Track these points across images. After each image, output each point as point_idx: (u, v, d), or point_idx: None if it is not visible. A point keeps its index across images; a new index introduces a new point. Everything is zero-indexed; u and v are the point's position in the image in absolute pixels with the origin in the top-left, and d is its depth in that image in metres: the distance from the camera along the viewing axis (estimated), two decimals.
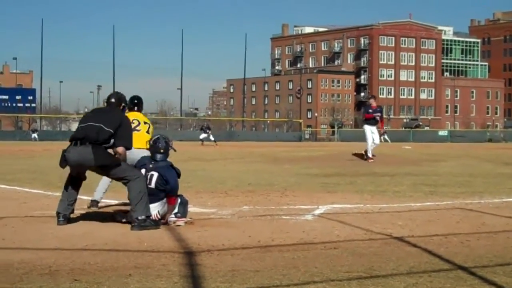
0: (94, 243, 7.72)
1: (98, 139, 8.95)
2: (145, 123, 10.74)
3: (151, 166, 9.28)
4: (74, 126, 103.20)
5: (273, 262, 6.79)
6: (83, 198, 12.25)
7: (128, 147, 9.23)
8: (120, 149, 9.11)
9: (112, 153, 9.09)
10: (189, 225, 9.15)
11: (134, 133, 9.81)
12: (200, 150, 39.82)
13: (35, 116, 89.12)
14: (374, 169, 20.74)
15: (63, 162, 9.21)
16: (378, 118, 24.56)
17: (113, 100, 9.68)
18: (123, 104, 9.85)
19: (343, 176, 18.26)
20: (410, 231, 8.74)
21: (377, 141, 24.72)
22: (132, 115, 10.43)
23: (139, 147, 10.10)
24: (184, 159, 28.25)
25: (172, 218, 9.22)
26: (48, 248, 7.43)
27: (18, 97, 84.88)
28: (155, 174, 9.19)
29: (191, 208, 10.90)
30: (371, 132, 24.38)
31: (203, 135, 55.27)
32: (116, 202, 11.83)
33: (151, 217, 8.95)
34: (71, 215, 9.44)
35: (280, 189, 14.03)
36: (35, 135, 72.58)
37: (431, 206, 11.62)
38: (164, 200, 9.25)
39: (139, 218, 8.81)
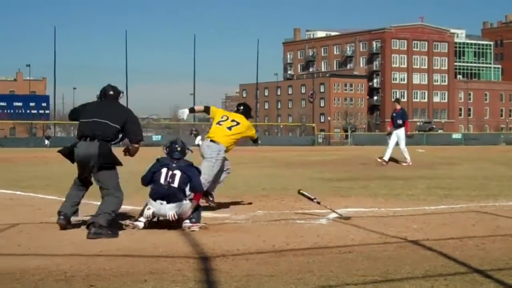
0: (109, 249, 7.73)
1: (107, 135, 9.02)
2: (234, 121, 11.40)
3: (174, 165, 9.37)
4: None
5: (288, 266, 6.79)
6: (97, 205, 12.29)
7: (141, 140, 9.41)
8: (136, 145, 9.28)
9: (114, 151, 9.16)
10: (204, 230, 9.16)
11: (216, 126, 10.97)
12: None
13: (49, 123, 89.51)
14: (387, 173, 20.69)
15: (64, 152, 9.45)
16: (399, 122, 24.74)
17: (111, 92, 9.43)
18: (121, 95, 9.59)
19: (356, 180, 18.23)
20: (425, 234, 8.71)
21: (401, 146, 24.84)
22: (232, 115, 11.62)
23: (212, 138, 11.21)
24: (197, 164, 28.29)
25: (186, 223, 9.24)
26: (63, 254, 7.45)
27: (32, 104, 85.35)
28: (178, 173, 9.29)
29: (205, 213, 10.92)
30: (395, 136, 24.57)
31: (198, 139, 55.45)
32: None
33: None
34: (77, 219, 9.48)
35: (294, 194, 13.99)
36: (47, 141, 72.93)
37: (446, 209, 11.59)
38: (182, 201, 9.24)
39: (100, 224, 8.68)
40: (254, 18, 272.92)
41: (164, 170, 9.32)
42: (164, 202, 9.18)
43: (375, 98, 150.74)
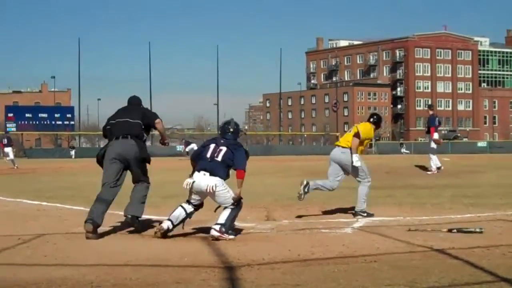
0: (135, 259, 7.76)
1: (134, 132, 10.05)
2: (357, 128, 12.10)
3: (222, 141, 9.67)
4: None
5: (313, 276, 6.78)
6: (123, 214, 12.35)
7: (159, 118, 10.39)
8: (158, 123, 10.35)
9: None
10: (228, 240, 9.16)
11: (347, 134, 11.99)
12: None
13: (74, 134, 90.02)
14: (412, 182, 20.59)
15: (99, 157, 10.23)
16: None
17: (133, 101, 10.67)
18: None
19: (381, 189, 18.13)
20: (451, 243, 8.65)
21: (429, 152, 24.86)
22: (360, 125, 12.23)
23: (341, 145, 12.02)
24: None
25: (215, 233, 9.20)
26: (89, 264, 7.49)
27: (57, 115, 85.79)
28: (224, 149, 9.54)
29: None
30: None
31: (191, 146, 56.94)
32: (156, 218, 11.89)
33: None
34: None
35: (319, 203, 13.98)
36: (72, 152, 73.37)
37: (472, 218, 11.51)
38: (225, 187, 9.41)
39: (135, 215, 9.89)
40: (276, 28, 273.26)
41: (212, 146, 9.64)
42: (207, 174, 9.36)
43: (399, 106, 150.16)
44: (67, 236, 9.73)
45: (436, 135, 24.71)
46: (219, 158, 9.45)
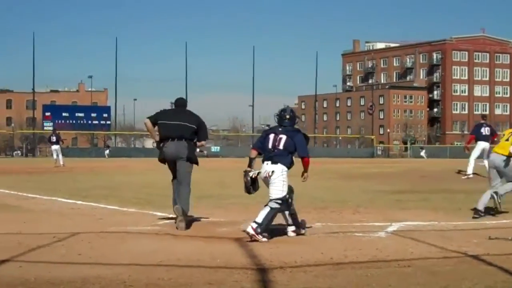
0: (168, 259, 7.79)
1: (188, 136, 11.01)
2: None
3: (280, 129, 9.83)
4: (148, 143, 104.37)
5: (346, 279, 6.76)
6: (157, 214, 12.43)
7: (208, 138, 11.52)
8: (203, 142, 11.38)
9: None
10: (262, 242, 9.16)
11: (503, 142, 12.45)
12: None
13: (109, 133, 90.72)
14: (448, 186, 20.45)
15: (161, 155, 11.13)
16: None
17: (180, 102, 11.65)
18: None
19: (416, 193, 18.06)
20: (485, 249, 8.57)
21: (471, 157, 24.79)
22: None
23: (499, 152, 12.42)
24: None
25: (251, 230, 9.21)
26: (123, 264, 7.54)
27: (93, 115, 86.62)
28: (284, 137, 9.73)
29: None
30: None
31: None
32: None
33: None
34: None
35: (353, 206, 13.94)
36: (107, 151, 73.94)
37: (508, 223, 11.39)
38: (283, 178, 9.60)
39: (185, 211, 10.62)
40: (313, 30, 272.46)
41: (271, 136, 9.82)
42: (269, 162, 9.66)
43: (435, 110, 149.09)
44: (101, 235, 9.80)
45: (477, 143, 24.59)
46: (281, 147, 9.69)
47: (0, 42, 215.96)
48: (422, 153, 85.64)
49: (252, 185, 9.86)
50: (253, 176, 9.76)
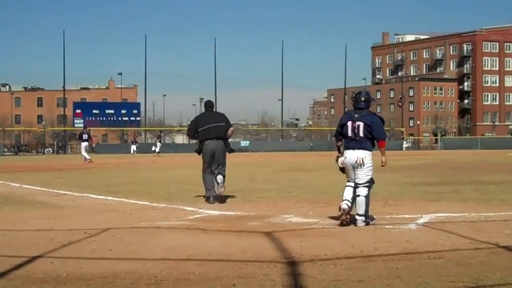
0: (199, 253, 7.81)
1: (223, 135, 13.95)
2: None
3: (356, 116, 10.19)
4: (178, 138, 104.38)
5: (376, 272, 6.73)
6: (187, 210, 12.49)
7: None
8: (230, 130, 14.22)
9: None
10: (291, 235, 9.17)
11: None
12: (302, 161, 39.82)
13: (139, 129, 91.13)
14: (478, 177, 20.31)
15: (200, 150, 13.90)
16: None
17: (210, 105, 14.57)
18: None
19: (446, 184, 17.96)
20: None
21: None
22: None
23: None
24: (285, 169, 28.35)
25: (362, 224, 9.95)
26: (154, 259, 7.57)
27: (123, 111, 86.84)
28: (361, 124, 10.09)
29: (293, 218, 10.97)
30: None
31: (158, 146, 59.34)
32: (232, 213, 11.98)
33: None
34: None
35: (383, 198, 13.89)
36: (134, 147, 74.10)
37: None
38: (371, 163, 10.15)
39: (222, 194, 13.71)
40: (342, 22, 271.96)
41: (349, 124, 10.17)
42: (356, 149, 10.11)
43: (466, 101, 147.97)
44: (132, 230, 9.85)
45: None
46: (361, 134, 10.08)
47: (31, 41, 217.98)
48: (405, 145, 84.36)
49: (341, 168, 10.46)
50: (341, 165, 10.36)
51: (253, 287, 6.12)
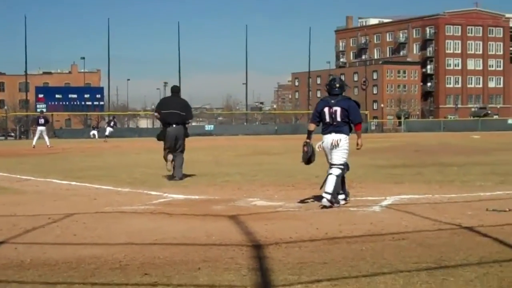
0: (163, 238, 7.80)
1: (183, 121, 15.19)
2: None
3: (332, 102, 10.45)
4: (142, 123, 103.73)
5: (341, 254, 6.77)
6: (151, 194, 12.45)
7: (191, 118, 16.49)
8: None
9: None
10: (256, 218, 9.18)
11: None
12: (267, 144, 39.87)
13: (103, 114, 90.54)
14: (441, 160, 20.50)
15: (162, 136, 15.20)
16: None
17: (175, 90, 15.82)
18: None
19: (410, 167, 18.10)
20: (479, 220, 8.60)
21: None
22: None
23: None
24: (249, 153, 28.37)
25: (326, 203, 10.06)
26: (118, 243, 7.54)
27: (86, 96, 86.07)
28: (338, 109, 10.37)
29: (257, 202, 10.99)
30: None
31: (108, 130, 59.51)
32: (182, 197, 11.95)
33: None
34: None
35: (347, 181, 13.94)
36: (94, 132, 73.35)
37: (502, 195, 11.43)
38: (347, 145, 10.40)
39: (180, 177, 14.99)
40: (306, 6, 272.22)
41: (326, 110, 10.43)
42: (333, 133, 10.39)
43: (429, 84, 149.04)
44: (96, 215, 9.80)
45: None
46: (339, 118, 10.36)
47: None
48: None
49: (311, 155, 10.64)
50: (318, 148, 10.54)
51: (219, 270, 6.12)
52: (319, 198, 10.91)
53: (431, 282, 5.57)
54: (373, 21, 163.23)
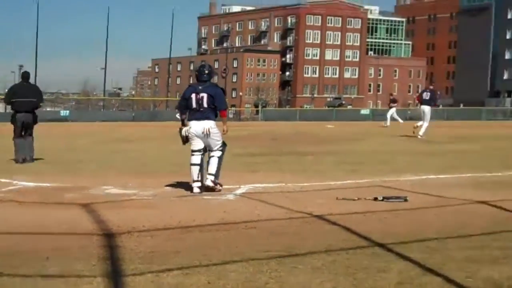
0: (12, 226, 7.60)
1: (32, 109, 15.75)
2: None
3: (200, 88, 10.65)
4: None
5: (193, 242, 6.81)
6: (0, 181, 12.06)
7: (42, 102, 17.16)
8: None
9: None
10: (109, 207, 9.09)
11: None
12: (124, 131, 39.44)
13: None
14: (297, 149, 20.89)
15: (14, 120, 15.69)
16: None
17: (26, 76, 16.13)
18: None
19: (266, 155, 18.35)
20: (329, 209, 8.83)
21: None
22: None
23: None
24: (106, 139, 27.98)
25: (210, 183, 10.44)
26: None
27: None
28: (205, 95, 10.58)
29: (111, 190, 10.88)
30: None
31: None
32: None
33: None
34: None
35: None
36: None
37: (352, 184, 11.78)
38: (217, 130, 10.72)
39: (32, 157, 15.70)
40: None
41: (193, 96, 10.62)
42: (200, 120, 10.56)
43: (287, 73, 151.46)
44: None
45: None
46: (205, 105, 10.55)
47: None
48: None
49: (186, 140, 10.80)
50: (186, 134, 10.66)
51: (68, 260, 6.02)
52: (177, 186, 10.96)
53: (280, 270, 5.68)
54: (236, 8, 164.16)
